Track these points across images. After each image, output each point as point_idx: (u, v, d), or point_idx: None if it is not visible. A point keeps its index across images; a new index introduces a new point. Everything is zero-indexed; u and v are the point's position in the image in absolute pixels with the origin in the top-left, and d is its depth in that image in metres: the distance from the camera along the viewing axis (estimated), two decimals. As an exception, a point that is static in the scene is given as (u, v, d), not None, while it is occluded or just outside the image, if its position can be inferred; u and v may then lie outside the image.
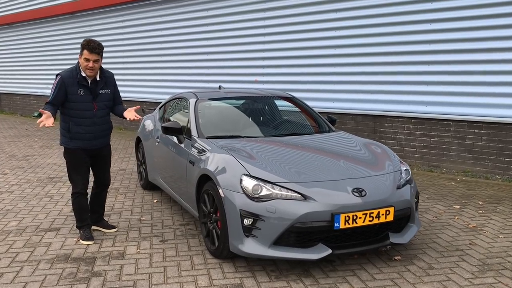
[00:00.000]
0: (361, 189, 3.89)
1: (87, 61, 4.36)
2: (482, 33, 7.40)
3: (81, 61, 4.40)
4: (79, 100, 4.43)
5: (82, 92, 4.43)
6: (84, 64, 4.38)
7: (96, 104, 4.53)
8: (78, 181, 4.61)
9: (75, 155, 4.56)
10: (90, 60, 4.36)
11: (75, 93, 4.40)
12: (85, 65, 4.38)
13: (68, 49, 15.30)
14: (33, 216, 5.45)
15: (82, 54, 4.38)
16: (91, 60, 4.36)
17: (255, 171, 3.96)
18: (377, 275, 3.89)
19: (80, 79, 4.41)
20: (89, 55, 4.35)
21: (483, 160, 7.55)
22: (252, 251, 3.78)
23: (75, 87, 4.39)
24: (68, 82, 4.38)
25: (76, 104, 4.43)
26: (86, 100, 4.46)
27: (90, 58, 4.36)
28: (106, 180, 4.90)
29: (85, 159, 4.61)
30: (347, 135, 5.30)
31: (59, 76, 4.41)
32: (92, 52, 4.35)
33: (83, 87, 4.44)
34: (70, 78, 4.39)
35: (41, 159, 8.92)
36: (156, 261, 4.18)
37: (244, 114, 5.61)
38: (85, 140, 4.53)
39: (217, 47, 11.22)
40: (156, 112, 6.53)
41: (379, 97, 8.63)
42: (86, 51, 4.35)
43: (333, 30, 9.16)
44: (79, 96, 4.42)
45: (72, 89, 4.38)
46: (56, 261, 4.18)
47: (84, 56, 4.36)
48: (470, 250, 4.39)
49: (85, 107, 4.47)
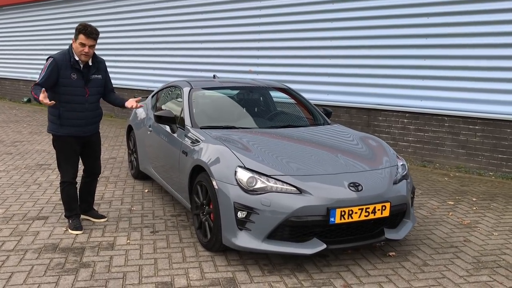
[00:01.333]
0: (357, 184, 3.82)
1: (83, 46, 4.25)
2: (479, 28, 7.34)
3: (75, 46, 4.29)
4: (72, 85, 4.31)
5: (75, 76, 4.32)
6: (79, 49, 4.27)
7: (88, 89, 4.42)
8: (68, 170, 4.50)
9: (66, 142, 4.43)
10: (86, 45, 4.26)
11: (67, 76, 4.28)
12: (80, 50, 4.26)
13: (60, 34, 15.05)
14: (21, 204, 5.33)
15: (78, 39, 4.26)
16: (87, 45, 4.26)
17: (250, 163, 3.87)
18: (371, 271, 3.83)
19: (74, 63, 4.30)
20: (85, 40, 4.24)
21: (476, 156, 7.53)
22: (245, 245, 3.71)
23: (68, 70, 4.28)
24: (62, 65, 4.26)
25: (68, 89, 4.31)
26: (79, 84, 4.34)
27: (86, 43, 4.25)
28: (96, 169, 4.80)
29: (75, 147, 4.49)
30: (343, 128, 5.23)
31: (52, 58, 4.27)
32: (89, 37, 4.25)
33: (76, 71, 4.32)
34: (63, 61, 4.27)
35: (30, 146, 8.76)
36: (146, 252, 4.09)
37: (239, 104, 5.51)
38: (76, 126, 4.40)
39: (211, 35, 11.07)
40: (148, 100, 6.41)
41: (374, 91, 8.56)
42: (83, 35, 4.24)
43: (329, 21, 9.06)
44: (72, 80, 4.30)
45: (65, 72, 4.26)
46: (43, 251, 4.07)
47: (80, 40, 4.25)
48: (465, 247, 4.35)
49: (77, 92, 4.35)
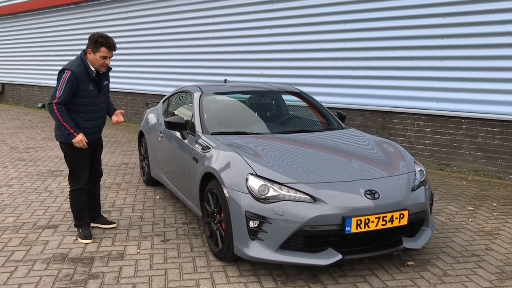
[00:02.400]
0: (374, 191, 3.68)
1: (104, 59, 4.24)
2: (497, 28, 7.13)
3: (95, 58, 4.22)
4: (89, 96, 4.30)
5: (92, 86, 4.30)
6: (100, 61, 4.24)
7: (101, 97, 4.44)
8: (82, 176, 4.45)
9: (80, 149, 4.32)
10: (107, 58, 4.26)
11: (86, 88, 4.25)
12: (101, 62, 4.25)
13: (72, 40, 15.11)
14: (31, 212, 5.28)
15: (99, 51, 4.20)
16: (108, 57, 4.26)
17: (261, 171, 3.75)
18: (389, 282, 3.68)
19: (91, 73, 4.27)
20: (107, 53, 4.24)
21: (495, 159, 7.32)
22: (257, 255, 3.59)
23: (86, 82, 4.25)
24: (81, 77, 4.20)
25: (86, 100, 4.29)
26: (94, 94, 4.35)
27: (108, 55, 4.25)
28: (100, 172, 4.79)
29: (87, 153, 4.45)
30: (358, 132, 5.08)
31: (70, 71, 4.16)
32: (111, 50, 4.26)
33: (93, 82, 4.31)
34: (81, 73, 4.21)
35: (43, 152, 8.75)
36: (156, 262, 3.99)
37: (251, 109, 5.39)
38: (91, 134, 4.40)
39: (222, 39, 10.99)
40: (159, 106, 6.33)
41: (389, 93, 8.39)
42: (105, 48, 4.21)
43: (342, 23, 8.91)
44: (90, 91, 4.28)
45: (83, 84, 4.23)
46: (52, 261, 3.99)
47: (102, 53, 4.21)
48: (487, 256, 4.18)
49: (94, 102, 4.36)
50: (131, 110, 13.34)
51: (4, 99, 19.15)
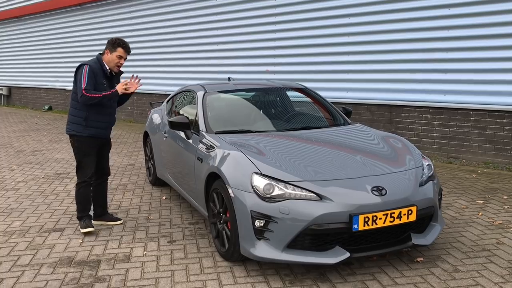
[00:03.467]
0: (381, 188, 3.61)
1: (120, 58, 4.62)
2: (504, 18, 7.02)
3: (111, 57, 4.60)
4: (102, 91, 4.55)
5: (105, 83, 4.62)
6: (115, 61, 4.61)
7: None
8: (88, 169, 4.69)
9: (88, 142, 4.65)
10: (122, 58, 4.64)
11: (100, 83, 4.57)
12: (116, 62, 4.62)
13: (78, 41, 15.14)
14: (38, 216, 5.27)
15: (116, 51, 4.59)
16: (124, 57, 4.65)
17: (266, 169, 3.70)
18: (398, 279, 3.63)
19: (106, 70, 4.63)
20: (124, 54, 4.63)
21: (505, 151, 7.22)
22: (264, 255, 3.54)
23: (101, 78, 4.59)
24: (96, 72, 4.55)
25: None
26: (107, 91, 4.59)
27: (123, 56, 4.64)
28: (107, 169, 4.97)
29: (96, 147, 4.73)
30: (364, 128, 5.01)
31: (86, 65, 4.52)
32: (127, 52, 4.67)
33: (107, 79, 4.65)
34: (96, 68, 4.57)
35: (49, 154, 8.76)
36: (163, 264, 3.96)
37: (255, 107, 5.34)
38: (100, 129, 4.68)
39: (227, 36, 10.95)
40: (163, 106, 6.30)
41: (395, 86, 8.30)
42: (122, 49, 4.62)
43: (346, 17, 8.84)
44: (103, 87, 4.58)
45: (99, 79, 4.56)
46: (58, 265, 3.98)
47: (118, 53, 4.60)
48: (498, 251, 4.10)
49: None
50: (137, 110, 13.35)
51: (11, 102, 19.24)
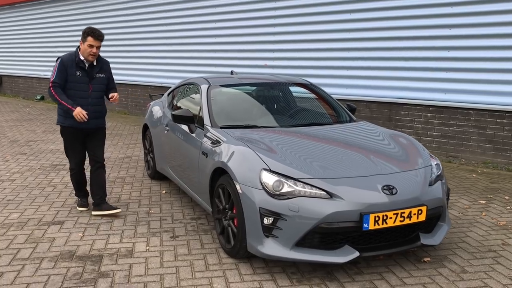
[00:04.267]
0: (391, 187, 3.57)
1: (91, 47, 4.66)
2: (506, 18, 7.00)
3: (84, 47, 4.68)
4: (76, 81, 4.71)
5: (80, 73, 4.72)
6: (87, 50, 4.67)
7: (91, 86, 4.80)
8: (74, 157, 4.96)
9: (70, 133, 4.83)
10: (94, 46, 4.66)
11: (73, 74, 4.69)
12: (88, 51, 4.67)
13: (71, 31, 14.90)
14: (36, 208, 5.17)
15: (86, 41, 4.66)
16: (95, 46, 4.67)
17: (275, 166, 3.64)
18: (407, 279, 3.59)
19: (79, 62, 4.71)
20: (93, 42, 4.66)
21: (505, 151, 7.22)
22: (272, 253, 3.49)
23: (74, 68, 4.70)
24: (68, 64, 4.69)
25: (73, 85, 4.71)
26: (83, 81, 4.74)
27: (94, 44, 4.66)
28: (98, 157, 5.01)
29: (79, 137, 4.87)
30: (370, 125, 4.97)
31: (60, 59, 4.74)
32: (97, 39, 4.67)
33: (80, 69, 4.72)
34: (69, 60, 4.71)
35: (44, 145, 8.62)
36: (167, 260, 3.89)
37: (260, 102, 5.26)
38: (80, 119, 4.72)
39: (225, 29, 10.83)
40: (164, 98, 6.19)
41: (396, 84, 8.26)
42: (91, 37, 4.65)
43: (347, 12, 8.76)
44: (76, 77, 4.71)
45: (70, 70, 4.68)
46: (60, 259, 3.89)
47: (88, 42, 4.65)
48: (504, 252, 4.09)
49: (81, 88, 4.75)
50: (132, 102, 13.20)
51: (2, 91, 18.96)
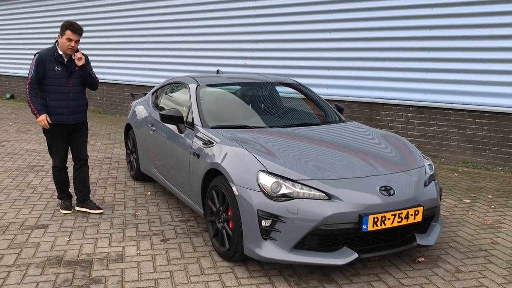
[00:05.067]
0: (389, 188, 3.56)
1: (70, 41, 4.58)
2: (485, 20, 7.13)
3: (62, 41, 4.60)
4: (56, 76, 4.65)
5: (59, 68, 4.65)
6: (66, 44, 4.59)
7: (71, 80, 4.72)
8: (58, 155, 4.87)
9: (54, 130, 4.72)
10: (72, 40, 4.59)
11: (52, 69, 4.63)
12: (67, 45, 4.59)
13: (43, 28, 14.50)
14: (16, 211, 4.97)
15: (65, 34, 4.58)
16: (73, 40, 4.59)
17: (272, 167, 3.58)
18: (404, 280, 3.59)
19: (57, 56, 4.64)
20: (72, 35, 4.57)
21: (483, 151, 7.36)
22: (271, 256, 3.43)
23: (52, 63, 4.63)
24: (46, 59, 4.61)
25: (53, 80, 4.65)
26: (62, 76, 4.67)
27: (73, 38, 4.58)
28: (83, 155, 5.01)
29: (63, 133, 4.81)
30: (360, 125, 4.96)
31: (37, 53, 4.66)
32: (75, 33, 4.59)
33: (59, 64, 4.66)
34: (47, 55, 4.63)
35: (18, 145, 8.34)
36: (160, 264, 3.79)
37: (250, 101, 5.19)
38: (62, 115, 4.71)
39: (204, 28, 10.71)
40: (148, 98, 6.05)
41: (376, 84, 8.32)
42: (70, 31, 4.57)
43: (328, 13, 8.78)
44: (55, 72, 4.64)
45: (49, 65, 4.61)
46: (47, 265, 3.74)
47: (67, 36, 4.57)
48: (494, 251, 4.14)
49: (61, 83, 4.68)
50: (106, 101, 12.93)
51: (-31, 89, 18.30)
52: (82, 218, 4.79)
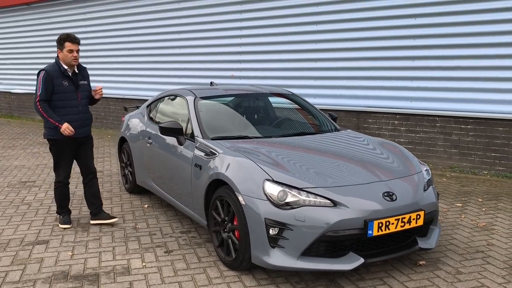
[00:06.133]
0: (391, 193, 3.67)
1: (71, 52, 4.61)
2: (467, 29, 7.37)
3: (63, 54, 4.62)
4: (64, 91, 4.65)
5: (66, 83, 4.67)
6: (68, 56, 4.61)
7: (79, 94, 4.77)
8: (63, 171, 4.85)
9: (63, 145, 4.74)
10: (73, 51, 4.62)
11: (60, 84, 4.63)
12: (70, 56, 4.61)
13: (25, 42, 14.40)
14: (14, 228, 4.93)
15: (64, 47, 4.60)
16: (74, 50, 4.62)
17: (278, 176, 3.66)
18: (407, 282, 3.69)
19: (64, 71, 4.65)
20: (72, 46, 4.61)
21: (469, 156, 7.57)
22: (279, 263, 3.49)
23: (60, 78, 4.63)
24: (53, 74, 4.61)
25: (62, 95, 4.65)
26: (70, 90, 4.69)
27: (73, 48, 4.62)
28: (91, 168, 5.03)
29: (71, 148, 4.82)
30: (356, 134, 5.09)
31: (44, 71, 4.61)
32: (74, 43, 4.64)
33: (66, 78, 4.67)
34: (54, 71, 4.62)
35: (6, 161, 8.24)
36: (167, 275, 3.82)
37: (248, 112, 5.27)
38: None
39: (190, 41, 10.78)
40: (143, 111, 6.08)
41: (363, 93, 8.50)
42: (69, 43, 4.60)
43: (314, 24, 8.95)
44: (64, 87, 4.65)
45: (57, 81, 4.61)
46: (54, 280, 3.73)
47: (67, 48, 4.60)
48: (491, 252, 4.28)
49: (70, 97, 4.70)
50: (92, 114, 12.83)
51: None
52: (82, 233, 4.78)
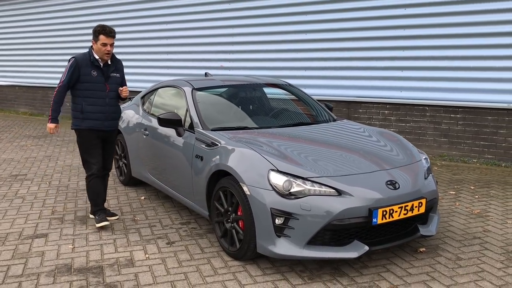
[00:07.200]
0: (394, 181, 3.72)
1: (105, 46, 4.52)
2: (456, 19, 7.46)
3: (97, 47, 4.54)
4: (93, 81, 4.58)
5: (95, 73, 4.59)
6: (102, 49, 4.53)
7: (108, 85, 4.67)
8: (93, 163, 4.68)
9: (88, 135, 4.64)
10: (107, 44, 4.52)
11: (88, 73, 4.56)
12: (103, 50, 4.53)
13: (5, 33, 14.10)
14: (11, 221, 4.87)
15: (99, 40, 4.51)
16: (108, 44, 4.53)
17: (282, 166, 3.67)
18: (410, 269, 3.76)
19: (94, 61, 4.57)
20: (106, 40, 4.51)
21: (459, 144, 7.69)
22: (285, 252, 3.52)
23: (89, 68, 4.56)
24: (82, 63, 4.54)
25: (90, 85, 4.58)
26: (99, 81, 4.61)
27: (107, 42, 4.52)
28: (109, 165, 4.96)
29: (97, 140, 4.70)
30: (354, 123, 5.13)
31: (73, 58, 4.57)
32: (109, 36, 4.53)
33: (96, 69, 4.59)
34: (83, 60, 4.56)
35: (-6, 155, 8.11)
36: (172, 267, 3.82)
37: (246, 103, 5.27)
38: (97, 120, 4.63)
39: (178, 31, 10.69)
40: (137, 102, 6.02)
41: (353, 83, 8.55)
42: (103, 36, 4.50)
43: (303, 14, 8.96)
44: (92, 77, 4.57)
45: (85, 70, 4.54)
46: (58, 274, 3.70)
47: (101, 41, 4.51)
48: (488, 238, 4.37)
49: (98, 88, 4.62)
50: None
51: None
52: (81, 225, 4.74)
